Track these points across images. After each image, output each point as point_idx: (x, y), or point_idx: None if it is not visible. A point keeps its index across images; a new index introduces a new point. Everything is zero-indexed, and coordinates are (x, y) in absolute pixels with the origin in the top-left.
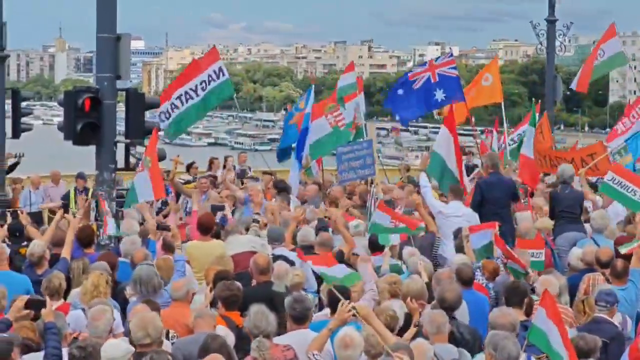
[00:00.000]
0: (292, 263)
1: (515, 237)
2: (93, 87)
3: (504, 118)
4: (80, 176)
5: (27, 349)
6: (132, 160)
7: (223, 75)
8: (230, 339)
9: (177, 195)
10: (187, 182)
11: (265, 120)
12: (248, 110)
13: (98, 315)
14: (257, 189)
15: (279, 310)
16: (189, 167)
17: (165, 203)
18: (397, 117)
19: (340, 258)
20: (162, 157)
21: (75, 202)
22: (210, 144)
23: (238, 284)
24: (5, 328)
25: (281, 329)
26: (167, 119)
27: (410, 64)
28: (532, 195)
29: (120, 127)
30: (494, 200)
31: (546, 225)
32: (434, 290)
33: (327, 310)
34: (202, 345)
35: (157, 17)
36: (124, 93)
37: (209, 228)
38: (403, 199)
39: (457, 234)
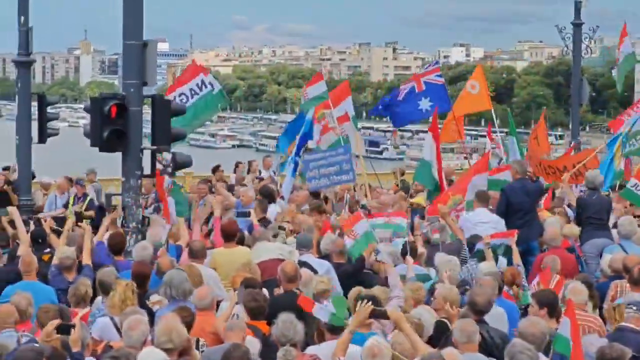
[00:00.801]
0: (315, 271)
1: (540, 242)
2: (119, 94)
3: (494, 121)
4: (78, 182)
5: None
6: (159, 166)
7: (205, 87)
8: (256, 347)
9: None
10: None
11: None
12: (272, 112)
13: (134, 325)
14: (249, 194)
15: (306, 319)
16: (214, 170)
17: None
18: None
19: (362, 264)
20: (188, 164)
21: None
22: (234, 146)
23: (264, 294)
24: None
25: (307, 338)
26: None
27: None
28: None
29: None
30: (519, 206)
31: (573, 231)
32: (467, 297)
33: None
34: (224, 354)
35: (181, 19)
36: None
37: (233, 235)
38: (391, 204)
39: (473, 241)
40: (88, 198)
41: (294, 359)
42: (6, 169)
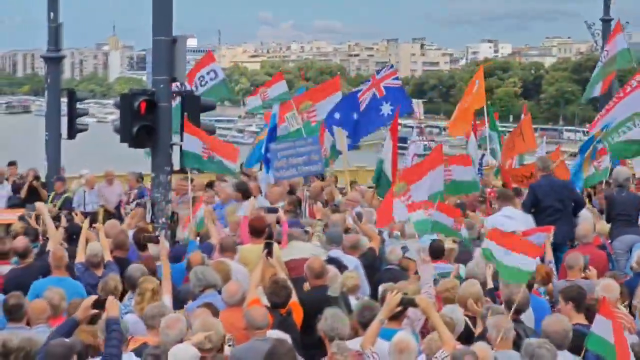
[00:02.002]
0: (345, 267)
1: (572, 239)
2: (149, 90)
3: (486, 117)
4: (60, 179)
5: (86, 354)
6: None
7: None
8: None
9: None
10: None
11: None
12: None
13: (173, 324)
14: (226, 191)
15: None
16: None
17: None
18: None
19: (373, 256)
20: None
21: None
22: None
23: (289, 289)
24: (72, 327)
25: None
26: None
27: (462, 62)
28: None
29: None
30: (547, 204)
31: (604, 228)
32: (502, 294)
33: None
34: (270, 350)
35: (209, 16)
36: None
37: (261, 231)
38: (358, 201)
39: None
40: (64, 196)
41: (347, 351)
42: (12, 163)
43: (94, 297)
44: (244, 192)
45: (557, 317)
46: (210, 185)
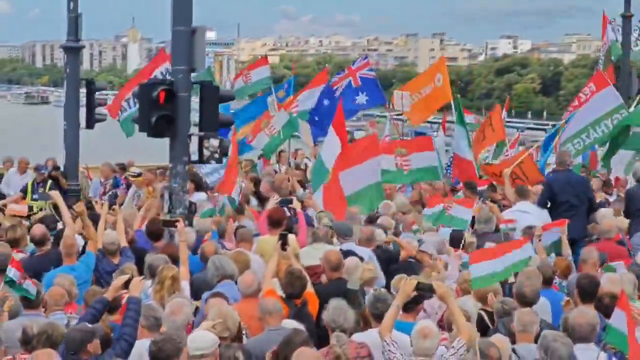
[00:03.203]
0: (361, 258)
1: (587, 235)
2: (168, 80)
3: (454, 113)
4: (39, 168)
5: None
6: (206, 153)
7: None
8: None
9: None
10: (139, 174)
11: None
12: None
13: (177, 309)
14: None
15: (352, 307)
16: (279, 155)
17: (115, 195)
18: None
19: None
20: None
21: (32, 194)
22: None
23: (304, 280)
24: (104, 305)
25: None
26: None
27: (481, 57)
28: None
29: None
30: (563, 199)
31: (623, 224)
32: (513, 287)
33: None
34: (285, 338)
35: (228, 9)
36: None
37: (280, 222)
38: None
39: (526, 231)
40: (48, 184)
41: (346, 344)
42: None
43: (124, 277)
44: (197, 183)
45: (583, 310)
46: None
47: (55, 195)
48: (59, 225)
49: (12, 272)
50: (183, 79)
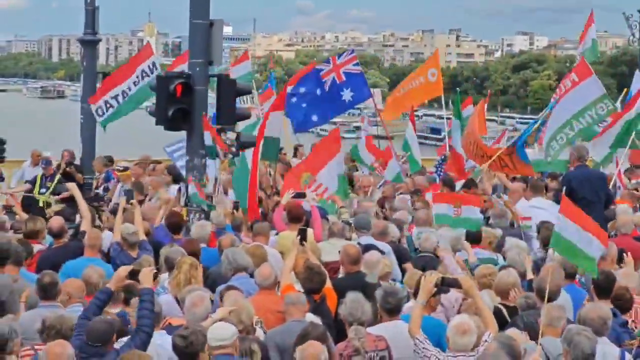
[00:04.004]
0: (382, 252)
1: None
2: (185, 73)
3: (443, 106)
4: (47, 162)
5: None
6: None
7: (156, 69)
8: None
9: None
10: (125, 168)
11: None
12: None
13: (198, 301)
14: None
15: (371, 301)
16: (296, 150)
17: (106, 188)
18: (294, 123)
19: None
20: (252, 144)
21: (40, 187)
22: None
23: (323, 275)
24: (108, 296)
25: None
26: (101, 115)
27: (497, 54)
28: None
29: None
30: (581, 195)
31: (639, 219)
32: (534, 283)
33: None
34: (302, 331)
35: (244, 4)
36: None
37: (299, 218)
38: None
39: (540, 227)
40: (56, 178)
41: (364, 337)
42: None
43: (128, 268)
44: (175, 176)
45: (596, 305)
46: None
47: (72, 187)
48: (77, 218)
49: None
50: (200, 72)
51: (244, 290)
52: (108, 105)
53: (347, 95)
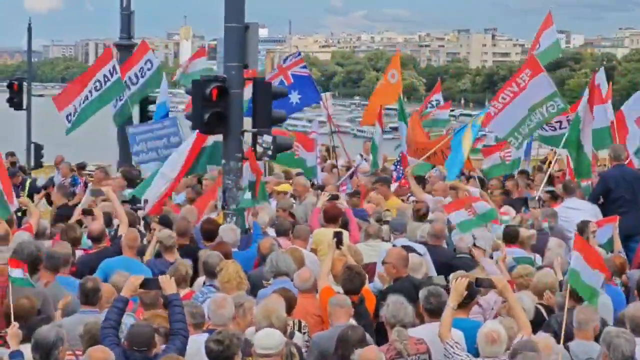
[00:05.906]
0: (419, 254)
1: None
2: (220, 76)
3: (401, 112)
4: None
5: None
6: (259, 149)
7: (116, 73)
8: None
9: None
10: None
11: (387, 109)
12: None
13: (223, 303)
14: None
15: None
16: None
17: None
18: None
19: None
20: (289, 146)
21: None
22: (332, 132)
23: (362, 276)
24: (125, 304)
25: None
26: (70, 121)
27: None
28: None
29: None
30: (618, 194)
31: None
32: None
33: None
34: (341, 336)
35: (280, 5)
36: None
37: (336, 218)
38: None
39: (583, 227)
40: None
41: (407, 339)
42: (10, 154)
43: (140, 277)
44: (130, 180)
45: (637, 304)
46: None
47: (107, 191)
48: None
49: (14, 272)
50: (236, 76)
51: None
52: (75, 111)
53: (294, 97)
